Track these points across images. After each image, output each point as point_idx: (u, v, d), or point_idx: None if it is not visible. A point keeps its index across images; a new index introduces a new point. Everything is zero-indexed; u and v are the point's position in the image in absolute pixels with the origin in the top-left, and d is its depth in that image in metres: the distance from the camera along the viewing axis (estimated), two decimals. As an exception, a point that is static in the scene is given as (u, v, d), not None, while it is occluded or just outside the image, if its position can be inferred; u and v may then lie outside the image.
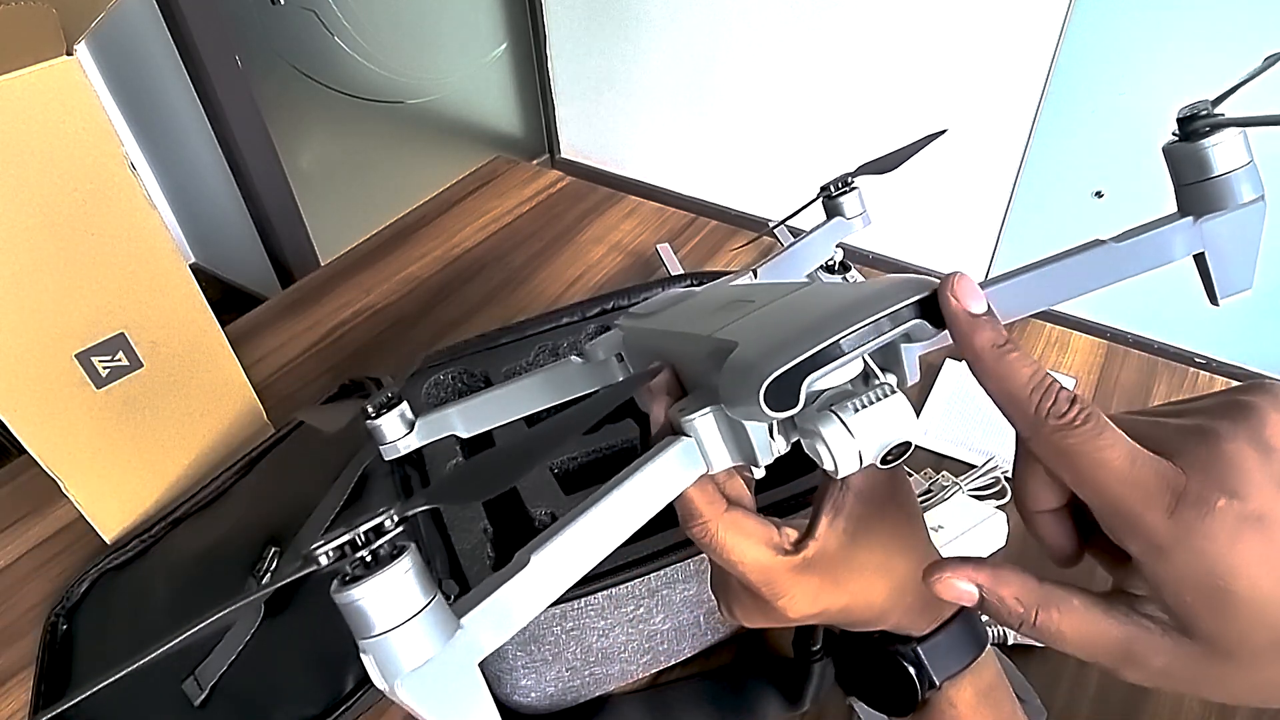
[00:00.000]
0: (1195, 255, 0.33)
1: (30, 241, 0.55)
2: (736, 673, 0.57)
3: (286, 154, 1.98)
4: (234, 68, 1.79)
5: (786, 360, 0.25)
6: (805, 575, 0.32)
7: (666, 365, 0.33)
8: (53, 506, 0.71)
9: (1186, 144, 0.32)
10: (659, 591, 0.51)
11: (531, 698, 0.54)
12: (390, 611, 0.24)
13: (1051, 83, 1.78)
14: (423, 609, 0.24)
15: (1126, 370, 0.80)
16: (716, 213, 1.48)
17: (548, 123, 2.69)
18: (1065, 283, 0.33)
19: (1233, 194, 0.32)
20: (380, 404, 0.44)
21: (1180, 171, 0.32)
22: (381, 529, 0.24)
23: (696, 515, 0.31)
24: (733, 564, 0.31)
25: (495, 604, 0.26)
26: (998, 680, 0.36)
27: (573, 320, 0.67)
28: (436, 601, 0.25)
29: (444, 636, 0.25)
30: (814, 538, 0.31)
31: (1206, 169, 0.31)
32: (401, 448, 0.45)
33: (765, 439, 0.29)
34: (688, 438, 0.30)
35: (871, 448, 0.28)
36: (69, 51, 0.52)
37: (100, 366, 0.61)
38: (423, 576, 0.24)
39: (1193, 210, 0.32)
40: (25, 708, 0.58)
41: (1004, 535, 0.64)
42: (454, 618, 0.25)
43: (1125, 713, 0.56)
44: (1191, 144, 0.31)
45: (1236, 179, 0.31)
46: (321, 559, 0.23)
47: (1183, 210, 0.33)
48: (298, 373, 0.85)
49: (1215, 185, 0.32)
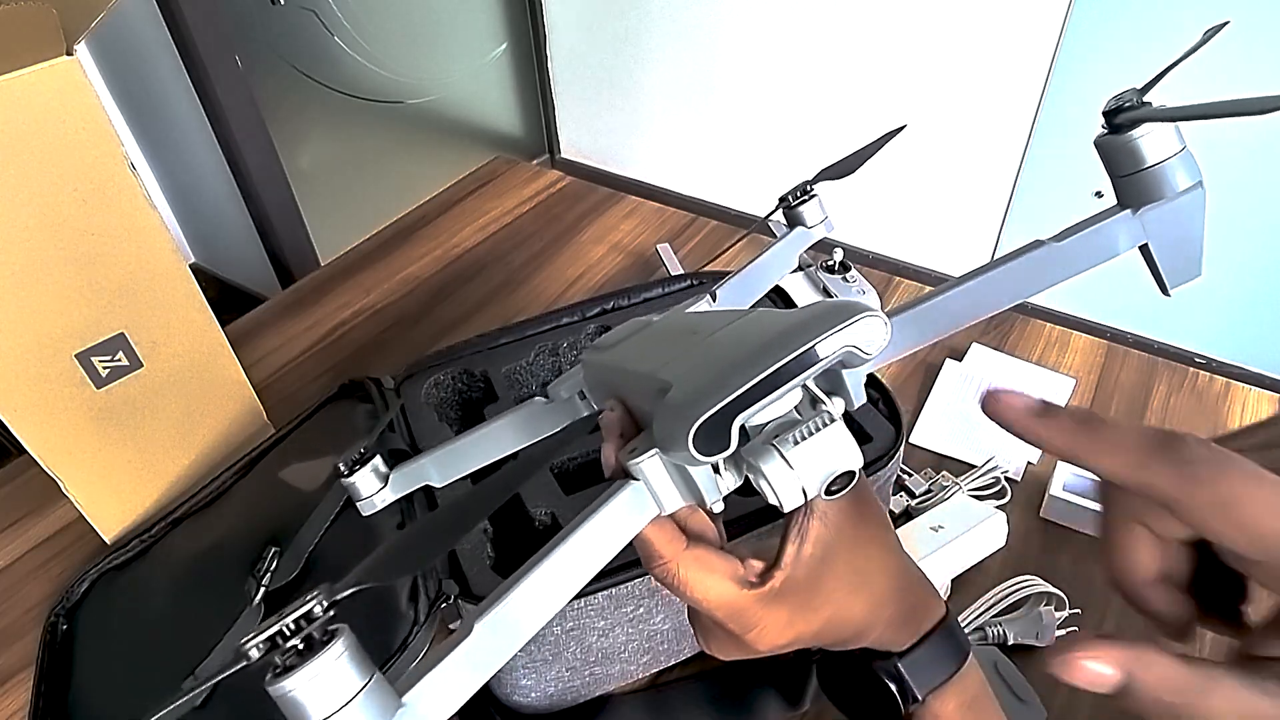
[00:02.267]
0: (1140, 247, 0.32)
1: (30, 241, 0.55)
2: (736, 673, 0.57)
3: (286, 154, 1.98)
4: (234, 68, 1.79)
5: (713, 404, 0.25)
6: (774, 606, 0.31)
7: (619, 403, 0.33)
8: (53, 506, 0.71)
9: (1116, 137, 0.31)
10: (659, 591, 0.51)
11: (531, 698, 0.53)
12: (325, 698, 0.23)
13: (1051, 83, 1.78)
14: (359, 691, 0.23)
15: (1126, 370, 0.80)
16: (716, 213, 1.48)
17: (548, 123, 2.69)
18: (1010, 286, 0.32)
19: (1168, 183, 0.31)
20: (353, 461, 0.44)
21: (1113, 164, 0.32)
22: (311, 615, 0.23)
23: (656, 556, 0.30)
24: (697, 601, 0.31)
25: (440, 678, 0.25)
26: (981, 690, 0.36)
27: (573, 320, 0.67)
28: (375, 682, 0.24)
29: (384, 717, 0.24)
30: (780, 568, 0.30)
31: (1138, 160, 0.31)
32: (378, 502, 0.45)
33: (709, 479, 0.29)
34: (636, 481, 0.29)
35: (814, 480, 0.27)
36: (69, 51, 0.52)
37: (100, 366, 0.61)
38: (358, 658, 0.23)
39: (1131, 202, 0.32)
40: (25, 708, 0.58)
41: (1004, 535, 0.64)
42: (395, 696, 0.24)
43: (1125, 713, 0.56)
44: (1120, 136, 0.31)
45: (1170, 168, 0.31)
46: (252, 653, 0.23)
47: (1121, 203, 0.32)
48: (298, 373, 0.85)
49: (1149, 176, 0.31)
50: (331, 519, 0.57)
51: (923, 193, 2.03)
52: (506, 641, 0.27)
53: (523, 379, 0.66)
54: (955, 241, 2.10)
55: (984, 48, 1.82)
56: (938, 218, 2.08)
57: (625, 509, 0.29)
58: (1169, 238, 0.32)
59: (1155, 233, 0.32)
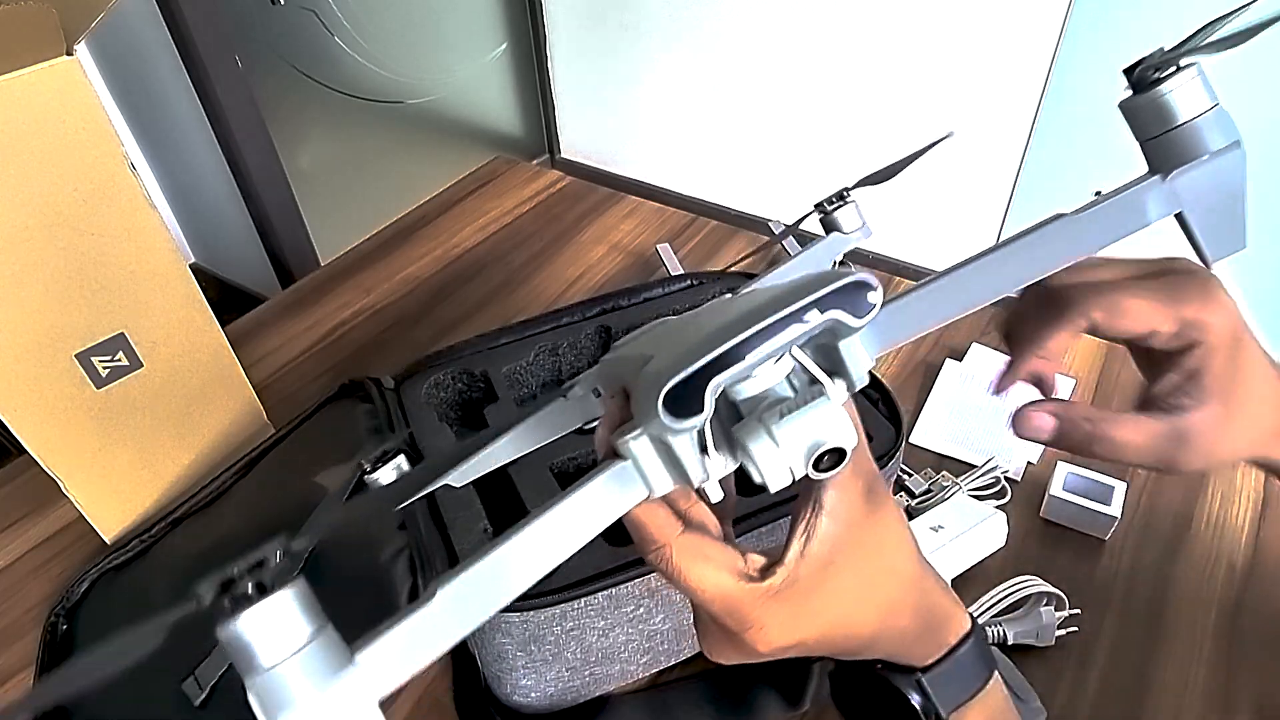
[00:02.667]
0: (1176, 216, 0.30)
1: (30, 241, 0.55)
2: (736, 673, 0.57)
3: (286, 154, 1.98)
4: (234, 68, 1.79)
5: (684, 366, 0.24)
6: (774, 605, 0.29)
7: (620, 392, 0.31)
8: (53, 506, 0.71)
9: (1141, 95, 0.29)
10: (659, 591, 0.51)
11: (531, 698, 0.53)
12: (272, 644, 0.22)
13: (1051, 83, 1.78)
14: (308, 642, 0.23)
15: (1127, 370, 0.80)
16: (716, 213, 1.48)
17: (548, 123, 2.69)
18: (1028, 261, 0.30)
19: (1202, 142, 0.28)
20: (376, 458, 0.44)
21: (1141, 126, 0.29)
22: (266, 563, 0.23)
23: (649, 540, 0.29)
24: (692, 591, 0.30)
25: (395, 639, 0.25)
26: (1005, 704, 0.35)
27: (573, 320, 0.67)
28: (326, 634, 0.23)
29: (331, 672, 0.23)
30: (783, 564, 0.29)
31: (1167, 119, 0.29)
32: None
33: (694, 455, 0.27)
34: (624, 460, 0.28)
35: (799, 456, 0.26)
36: (69, 51, 0.52)
37: (100, 366, 0.61)
38: (310, 608, 0.23)
39: (1161, 167, 0.29)
40: (25, 708, 0.58)
41: (1004, 535, 0.64)
42: (348, 653, 0.24)
43: (1125, 713, 0.56)
44: (1146, 95, 0.29)
45: (1205, 124, 0.28)
46: (205, 595, 0.22)
47: (1152, 168, 0.30)
48: (298, 373, 0.85)
49: (1181, 135, 0.28)
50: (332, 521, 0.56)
51: (923, 192, 2.03)
52: (471, 611, 0.26)
53: (523, 379, 0.66)
54: (955, 241, 2.10)
55: (985, 48, 1.82)
56: (938, 217, 2.08)
57: (610, 487, 0.28)
58: (1206, 203, 0.30)
59: (1190, 199, 0.30)
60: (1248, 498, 0.68)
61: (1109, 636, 0.60)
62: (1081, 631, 0.59)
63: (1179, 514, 0.67)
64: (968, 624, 0.34)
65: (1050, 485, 0.66)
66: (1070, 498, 0.65)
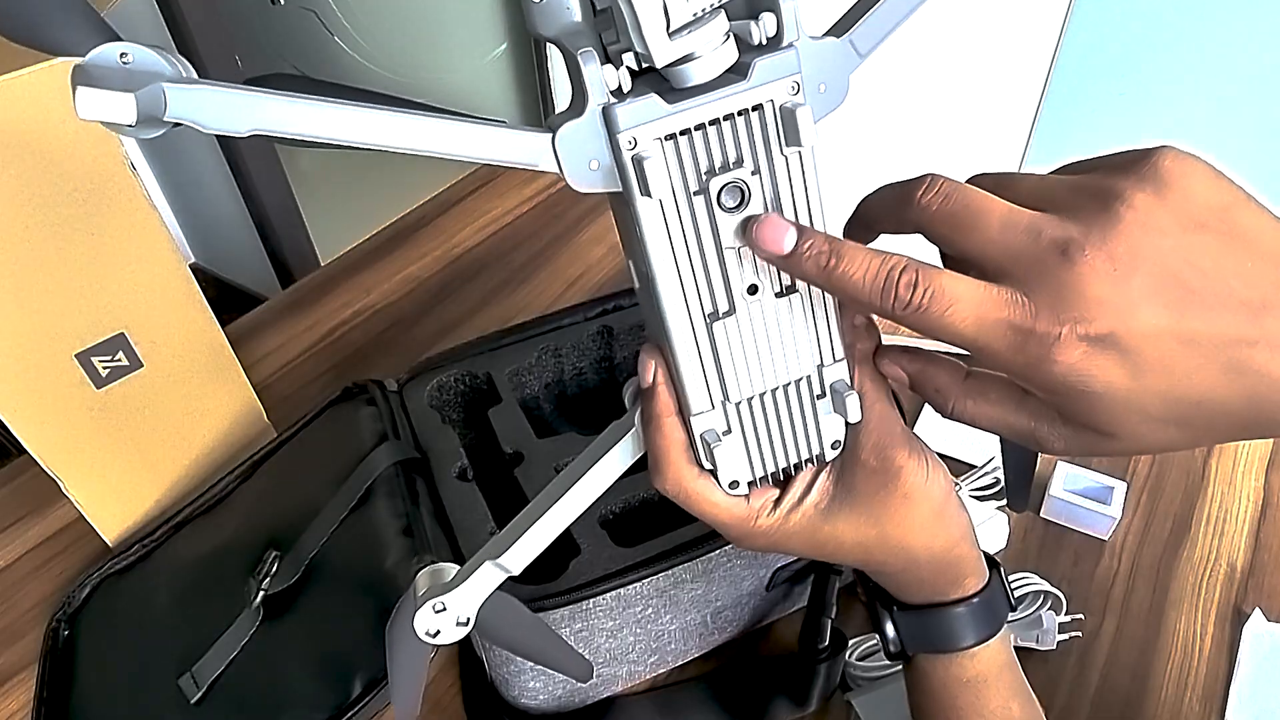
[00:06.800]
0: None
1: (30, 241, 0.54)
2: (743, 673, 0.57)
3: (286, 154, 1.98)
4: (234, 68, 1.79)
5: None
6: (761, 540, 0.35)
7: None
8: (53, 506, 0.71)
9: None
10: (667, 592, 0.51)
11: (539, 699, 0.53)
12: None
13: (1051, 83, 1.78)
14: None
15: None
16: (716, 213, 1.48)
17: (547, 123, 2.69)
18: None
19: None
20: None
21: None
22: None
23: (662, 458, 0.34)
24: (705, 513, 0.35)
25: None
26: (991, 676, 0.38)
27: (575, 321, 0.67)
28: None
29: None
30: (777, 513, 0.35)
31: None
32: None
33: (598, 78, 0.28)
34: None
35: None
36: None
37: (100, 366, 0.61)
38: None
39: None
40: (26, 708, 0.58)
41: (1004, 535, 0.64)
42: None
43: (1125, 713, 0.56)
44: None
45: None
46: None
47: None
48: (298, 373, 0.85)
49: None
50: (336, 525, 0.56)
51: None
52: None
53: (525, 380, 0.66)
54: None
55: (985, 48, 1.82)
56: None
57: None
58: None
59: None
60: (1248, 498, 0.68)
61: (1109, 637, 0.60)
62: (1081, 632, 0.59)
63: (1179, 514, 0.67)
64: (969, 590, 0.38)
65: (1050, 485, 0.66)
66: (1070, 498, 0.65)
